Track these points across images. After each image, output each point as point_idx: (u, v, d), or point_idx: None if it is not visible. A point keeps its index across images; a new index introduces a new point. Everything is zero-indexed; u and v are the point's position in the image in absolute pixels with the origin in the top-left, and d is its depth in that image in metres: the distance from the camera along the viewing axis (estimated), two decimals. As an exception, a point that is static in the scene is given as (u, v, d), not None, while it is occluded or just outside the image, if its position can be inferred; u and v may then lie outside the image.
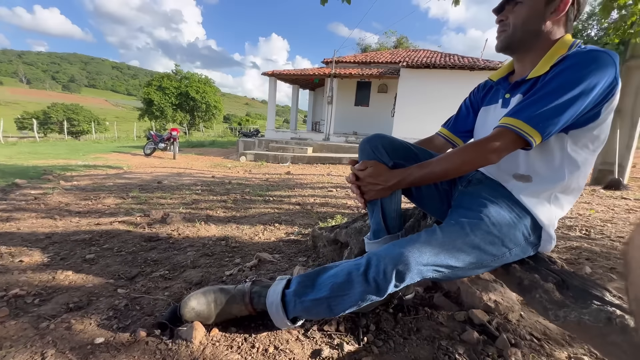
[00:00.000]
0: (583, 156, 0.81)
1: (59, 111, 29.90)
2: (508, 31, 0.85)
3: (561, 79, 0.73)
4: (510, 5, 0.84)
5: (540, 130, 0.74)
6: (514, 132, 0.75)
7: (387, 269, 0.75)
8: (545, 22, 0.81)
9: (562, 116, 0.73)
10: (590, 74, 0.70)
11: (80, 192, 3.57)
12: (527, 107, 0.76)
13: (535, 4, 0.80)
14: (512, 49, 0.88)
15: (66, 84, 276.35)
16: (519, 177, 0.87)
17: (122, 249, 1.63)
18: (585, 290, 0.76)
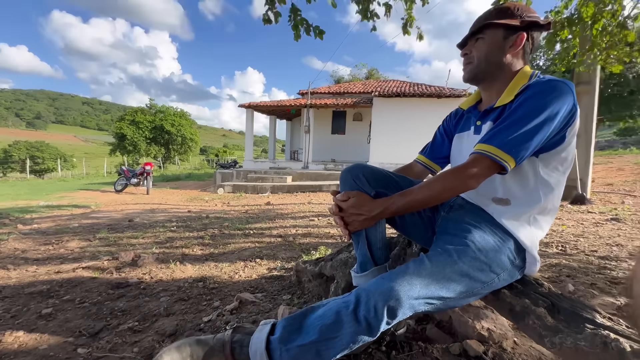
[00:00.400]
0: (555, 178, 0.85)
1: (21, 149, 28.35)
2: (473, 63, 0.92)
3: (527, 107, 0.78)
4: (472, 41, 0.92)
5: (513, 155, 0.77)
6: (489, 157, 0.78)
7: (378, 306, 0.71)
8: (505, 55, 0.89)
9: (532, 141, 0.77)
10: (552, 102, 0.76)
11: (40, 236, 3.28)
12: (498, 134, 0.80)
13: (494, 39, 0.88)
14: (477, 80, 0.95)
15: (31, 121, 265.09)
16: (498, 201, 0.89)
17: (85, 300, 1.47)
18: (576, 313, 0.75)
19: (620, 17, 3.25)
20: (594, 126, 4.72)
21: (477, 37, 0.90)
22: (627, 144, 20.79)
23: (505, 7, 0.90)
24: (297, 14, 2.85)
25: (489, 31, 0.89)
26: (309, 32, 2.91)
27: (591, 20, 3.22)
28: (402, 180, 1.00)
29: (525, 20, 0.87)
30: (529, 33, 0.88)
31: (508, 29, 0.88)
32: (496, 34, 0.88)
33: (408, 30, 3.65)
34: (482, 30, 0.89)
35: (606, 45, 3.41)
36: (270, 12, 2.78)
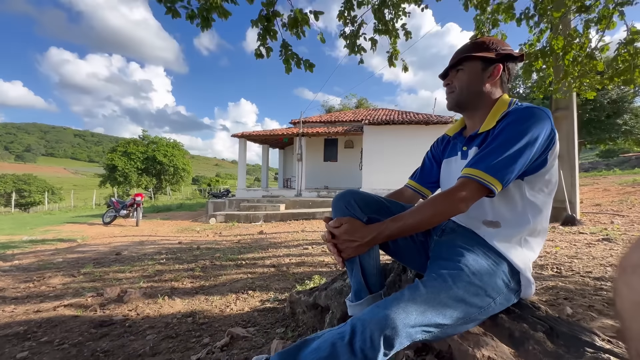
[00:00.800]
0: (541, 199, 0.88)
1: (7, 182, 27.76)
2: (455, 92, 0.98)
3: (508, 133, 0.83)
4: (453, 72, 0.99)
5: (499, 178, 0.80)
6: (477, 181, 0.81)
7: (374, 336, 0.68)
8: (484, 84, 0.95)
9: (516, 164, 0.80)
10: (531, 127, 0.81)
11: (21, 273, 3.13)
12: (484, 158, 0.83)
13: (473, 70, 0.95)
14: (460, 107, 1.00)
15: (20, 154, 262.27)
16: (489, 224, 0.90)
17: (64, 341, 1.38)
18: (575, 336, 0.74)
19: (589, 49, 3.50)
20: (576, 149, 4.90)
21: (457, 68, 0.97)
22: (610, 165, 21.53)
23: (481, 41, 0.97)
24: (288, 49, 2.99)
25: (468, 63, 0.95)
26: (299, 66, 3.04)
27: (562, 52, 3.46)
28: (394, 205, 1.01)
29: (500, 52, 0.94)
30: (505, 64, 0.95)
31: (485, 61, 0.94)
32: (475, 65, 0.95)
33: (394, 62, 3.85)
34: (462, 62, 0.96)
35: (578, 74, 3.64)
36: (262, 47, 2.91)
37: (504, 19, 3.77)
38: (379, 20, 3.70)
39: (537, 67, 3.81)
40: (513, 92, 18.07)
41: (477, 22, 3.90)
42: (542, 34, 3.78)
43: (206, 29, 2.64)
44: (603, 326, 1.19)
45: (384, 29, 3.73)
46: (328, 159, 14.16)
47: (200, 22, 2.57)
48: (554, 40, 3.45)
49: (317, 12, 2.87)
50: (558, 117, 4.97)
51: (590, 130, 15.63)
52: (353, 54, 3.75)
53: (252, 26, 2.84)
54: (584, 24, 3.45)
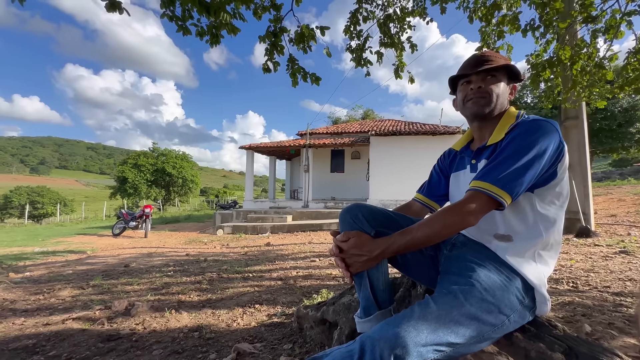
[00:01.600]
0: (553, 212, 0.86)
1: (22, 194, 28.46)
2: (488, 99, 0.92)
3: (516, 145, 0.82)
4: (480, 76, 0.94)
5: (508, 190, 0.79)
6: (485, 194, 0.79)
7: (384, 354, 0.66)
8: (508, 99, 0.96)
9: (524, 177, 0.79)
10: (539, 139, 0.80)
11: (32, 284, 3.17)
12: (492, 171, 0.81)
13: (504, 82, 0.95)
14: (487, 116, 0.95)
15: (35, 167, 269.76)
16: (500, 237, 0.88)
17: (72, 355, 1.38)
18: (595, 357, 0.71)
19: (597, 58, 3.48)
20: (588, 158, 4.81)
21: (492, 74, 0.93)
22: (624, 175, 21.01)
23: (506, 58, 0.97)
24: (295, 63, 3.05)
25: (500, 74, 0.94)
26: (305, 79, 3.08)
27: (570, 62, 3.44)
28: (402, 219, 1.00)
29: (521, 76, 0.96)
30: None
31: (510, 78, 0.96)
32: (504, 78, 0.94)
33: (400, 74, 3.89)
34: (496, 70, 0.93)
35: (587, 83, 3.60)
36: (269, 62, 2.98)
37: (510, 30, 3.79)
38: (384, 34, 3.76)
39: (544, 77, 3.79)
40: (521, 102, 17.97)
41: (483, 34, 3.93)
42: (549, 44, 3.78)
43: (215, 45, 2.72)
44: (625, 345, 1.14)
45: (390, 42, 3.78)
46: (335, 170, 14.18)
47: (209, 39, 2.65)
48: (561, 50, 3.44)
49: (323, 28, 2.93)
50: (568, 127, 4.91)
51: (601, 140, 15.35)
52: (359, 67, 3.80)
53: (259, 42, 2.91)
54: (591, 33, 3.44)
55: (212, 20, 2.54)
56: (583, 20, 3.34)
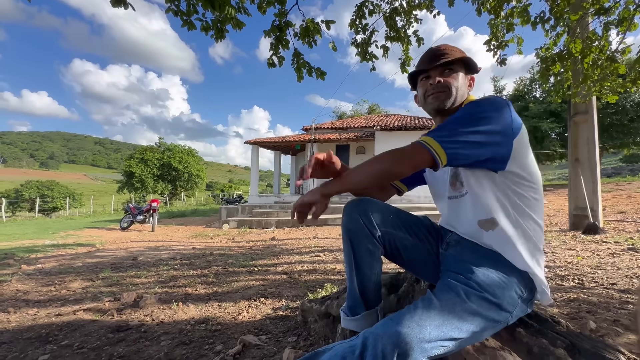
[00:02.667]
0: (525, 192, 0.85)
1: (32, 188, 29.01)
2: (447, 93, 0.93)
3: (461, 112, 0.84)
4: (438, 70, 0.94)
5: (445, 147, 0.79)
6: (423, 146, 0.80)
7: (386, 351, 0.67)
8: (466, 92, 0.97)
9: (466, 139, 0.79)
10: (485, 110, 0.81)
11: (44, 276, 3.25)
12: (436, 130, 0.83)
13: (462, 74, 0.96)
14: (445, 112, 0.95)
15: (44, 161, 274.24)
16: (484, 224, 0.87)
17: (84, 345, 1.42)
18: (598, 353, 0.71)
19: (609, 52, 3.40)
20: (597, 154, 4.72)
21: (448, 67, 0.94)
22: (635, 170, 20.60)
23: (462, 50, 0.97)
24: (300, 58, 3.04)
25: (457, 66, 0.94)
26: (311, 74, 3.07)
27: (581, 55, 3.37)
28: (408, 217, 1.00)
29: (478, 67, 0.97)
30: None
31: (468, 69, 0.96)
32: (462, 70, 0.95)
33: (406, 69, 3.85)
34: (453, 63, 0.94)
35: (598, 77, 3.52)
36: (274, 56, 2.97)
37: (521, 22, 3.71)
38: (390, 28, 3.72)
39: (554, 71, 3.72)
40: (529, 96, 17.66)
41: (492, 27, 3.86)
42: (559, 37, 3.70)
43: (220, 40, 2.72)
44: (629, 342, 1.13)
45: (396, 36, 3.74)
46: (340, 165, 14.16)
47: (214, 34, 2.65)
48: (571, 43, 3.36)
49: (328, 22, 2.91)
50: (577, 122, 4.82)
51: (612, 135, 15.04)
52: (365, 62, 3.77)
53: (264, 36, 2.90)
54: (603, 26, 3.35)
55: (216, 14, 2.54)
56: (595, 12, 3.25)
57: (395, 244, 0.95)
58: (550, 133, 15.50)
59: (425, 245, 0.99)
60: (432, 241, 1.00)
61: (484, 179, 0.85)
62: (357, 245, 0.92)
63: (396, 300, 1.29)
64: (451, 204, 0.98)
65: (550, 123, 15.03)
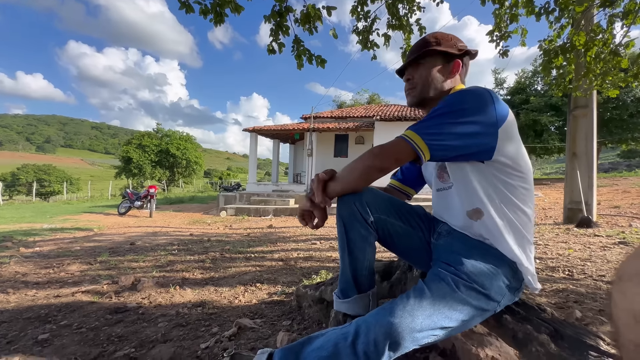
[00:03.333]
0: (513, 182, 0.85)
1: (29, 172, 28.85)
2: (416, 89, 0.96)
3: (443, 103, 0.83)
4: (413, 67, 0.97)
5: (427, 140, 0.80)
6: (406, 141, 0.81)
7: (378, 339, 0.69)
8: (446, 80, 0.95)
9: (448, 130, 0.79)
10: (467, 101, 0.81)
11: (42, 259, 3.28)
12: (420, 123, 0.84)
13: (435, 66, 0.94)
14: (422, 105, 0.99)
15: (41, 145, 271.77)
16: (472, 214, 0.88)
17: (82, 325, 1.45)
18: (579, 339, 0.74)
19: (612, 45, 3.37)
20: (595, 148, 4.74)
21: (419, 62, 0.95)
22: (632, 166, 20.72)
23: (440, 36, 0.96)
24: (300, 45, 2.99)
25: (430, 58, 0.94)
26: (311, 61, 3.03)
27: (584, 48, 3.34)
28: (402, 205, 1.01)
29: (461, 49, 0.94)
30: (462, 60, 0.96)
31: (446, 57, 0.94)
32: (436, 60, 0.94)
33: (407, 58, 3.80)
34: (424, 57, 0.94)
35: (601, 71, 3.50)
36: (274, 42, 2.92)
37: (526, 13, 3.65)
38: (392, 16, 3.65)
39: (557, 64, 3.69)
40: (531, 89, 17.53)
41: (496, 17, 3.79)
42: (563, 29, 3.65)
43: (219, 24, 2.67)
44: (612, 330, 1.17)
45: (398, 25, 3.68)
46: (338, 154, 14.14)
47: (213, 18, 2.60)
48: (575, 36, 3.32)
49: (329, 8, 2.85)
50: (577, 116, 4.82)
51: (611, 130, 15.03)
52: (366, 50, 3.71)
53: (264, 21, 2.85)
54: (608, 18, 3.31)
55: (215, -3, 2.48)
56: (601, 4, 3.20)
57: (388, 230, 0.97)
58: (549, 127, 15.48)
59: (417, 232, 1.00)
60: (424, 229, 1.01)
61: (469, 170, 0.86)
62: (350, 229, 0.93)
63: (389, 287, 1.32)
64: (439, 196, 1.00)
65: (550, 117, 14.98)
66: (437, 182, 0.99)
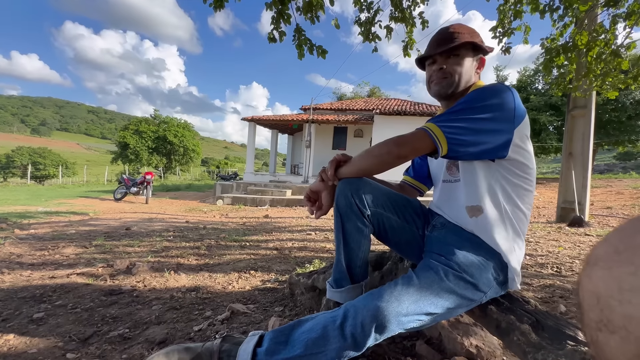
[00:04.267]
0: (517, 183, 0.87)
1: (24, 155, 28.57)
2: (450, 80, 0.93)
3: (465, 99, 0.84)
4: (443, 56, 0.94)
5: (446, 133, 0.81)
6: (426, 132, 0.83)
7: (365, 322, 0.72)
8: (474, 74, 0.96)
9: (467, 126, 0.80)
10: (489, 97, 0.81)
11: (37, 241, 3.28)
12: (439, 116, 0.85)
13: (468, 58, 0.94)
14: (449, 97, 0.97)
15: (36, 127, 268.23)
16: (471, 210, 0.89)
17: (77, 306, 1.47)
18: (559, 330, 0.77)
19: (614, 46, 3.36)
20: (591, 149, 4.78)
21: (453, 53, 0.93)
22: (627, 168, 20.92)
23: (472, 30, 0.95)
24: (302, 34, 2.96)
25: (464, 50, 0.93)
26: (312, 52, 3.01)
27: (585, 48, 3.33)
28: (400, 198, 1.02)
29: (488, 46, 0.94)
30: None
31: (476, 51, 0.94)
32: (469, 53, 0.93)
33: (409, 52, 3.78)
34: (459, 48, 0.93)
35: (601, 72, 3.51)
36: (275, 31, 2.89)
37: (530, 10, 3.62)
38: (395, 8, 3.61)
39: (558, 62, 3.69)
40: (532, 87, 17.51)
41: (500, 13, 3.76)
42: (566, 28, 3.64)
43: (219, 9, 2.63)
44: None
45: (401, 17, 3.64)
46: (337, 147, 14.12)
47: (213, 2, 2.56)
48: (577, 35, 3.32)
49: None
50: (575, 116, 4.84)
51: (609, 131, 15.11)
52: (367, 42, 3.68)
53: (266, 9, 2.81)
54: (611, 19, 3.30)
55: (216, -18, 2.44)
56: (605, 3, 3.19)
57: (384, 224, 0.98)
58: (548, 126, 15.52)
59: (411, 227, 1.02)
60: (418, 223, 1.03)
61: (479, 167, 0.87)
62: (347, 222, 0.95)
63: (380, 277, 1.35)
64: (444, 187, 1.01)
65: (549, 116, 15.01)
66: (445, 174, 1.00)
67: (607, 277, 0.24)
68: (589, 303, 0.26)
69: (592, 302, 0.25)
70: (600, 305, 0.24)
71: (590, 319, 0.25)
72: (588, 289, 0.26)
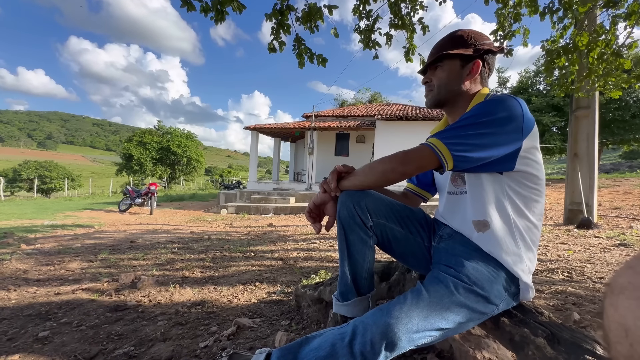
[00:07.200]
0: (527, 194, 0.84)
1: (30, 168, 28.94)
2: (434, 91, 0.96)
3: (471, 113, 0.82)
4: (432, 69, 0.97)
5: (451, 149, 0.79)
6: (430, 148, 0.81)
7: (375, 339, 0.69)
8: (463, 82, 0.93)
9: (473, 141, 0.78)
10: (496, 110, 0.79)
11: (43, 256, 3.29)
12: (445, 131, 0.83)
13: (452, 68, 0.93)
14: (439, 105, 0.99)
15: (42, 141, 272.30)
16: (477, 225, 0.87)
17: (82, 323, 1.46)
18: (576, 343, 0.74)
19: (615, 46, 3.35)
20: (596, 149, 4.73)
21: (437, 65, 0.94)
22: (634, 167, 20.66)
23: (459, 36, 0.93)
24: (302, 43, 2.99)
25: (447, 60, 0.93)
26: (312, 60, 3.03)
27: (586, 49, 3.32)
28: (402, 208, 1.01)
29: (480, 48, 0.91)
30: (484, 59, 0.93)
31: (464, 58, 0.92)
32: (453, 63, 0.92)
33: (410, 57, 3.79)
34: (441, 60, 0.93)
35: (603, 72, 3.49)
36: (275, 41, 2.92)
37: (529, 12, 3.63)
38: (395, 15, 3.64)
39: (559, 64, 3.67)
40: (533, 89, 17.47)
41: (499, 16, 3.78)
42: (566, 30, 3.64)
43: (220, 22, 2.66)
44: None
45: (400, 24, 3.66)
46: (339, 153, 14.13)
47: (214, 16, 2.60)
48: (578, 36, 3.31)
49: (331, 6, 2.85)
50: (578, 116, 4.80)
51: (613, 130, 14.99)
52: (368, 49, 3.70)
53: (266, 20, 2.84)
54: (611, 19, 3.29)
55: (217, -4, 2.47)
56: (604, 4, 3.19)
57: (387, 235, 0.97)
58: (551, 127, 15.44)
59: (416, 238, 1.00)
60: (423, 234, 1.01)
61: (486, 179, 0.85)
62: (350, 233, 0.93)
63: (387, 288, 1.33)
64: (449, 199, 0.99)
65: (552, 117, 14.94)
66: (450, 186, 0.98)
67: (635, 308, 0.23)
68: (617, 335, 0.24)
69: (620, 335, 0.24)
70: (630, 339, 0.23)
71: (619, 352, 0.24)
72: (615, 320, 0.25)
